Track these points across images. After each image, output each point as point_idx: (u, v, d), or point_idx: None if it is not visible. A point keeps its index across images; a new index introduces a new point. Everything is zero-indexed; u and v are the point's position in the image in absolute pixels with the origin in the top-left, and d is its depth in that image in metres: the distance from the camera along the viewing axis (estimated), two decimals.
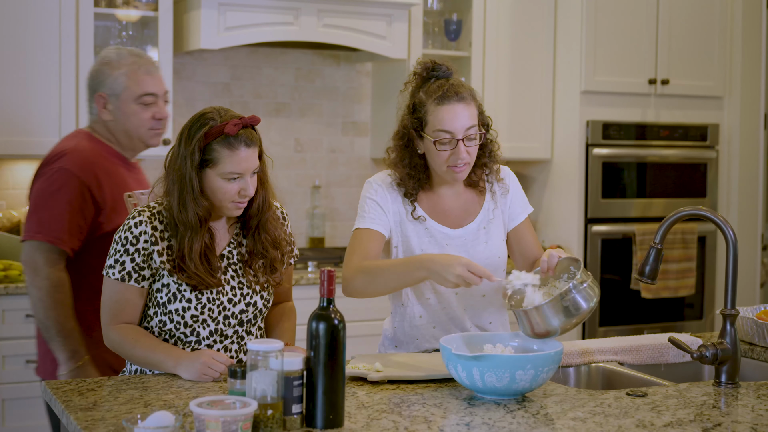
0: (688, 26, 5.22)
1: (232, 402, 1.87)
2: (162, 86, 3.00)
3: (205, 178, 2.39)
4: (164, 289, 2.43)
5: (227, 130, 2.36)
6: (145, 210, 2.44)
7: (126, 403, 2.14)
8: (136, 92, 2.94)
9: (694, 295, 5.30)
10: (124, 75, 2.93)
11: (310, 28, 4.49)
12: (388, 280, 2.53)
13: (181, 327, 2.43)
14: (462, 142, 2.56)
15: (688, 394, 2.32)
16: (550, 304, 2.28)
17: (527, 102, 5.13)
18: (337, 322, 1.98)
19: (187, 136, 2.39)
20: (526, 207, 2.78)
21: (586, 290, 2.31)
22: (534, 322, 2.30)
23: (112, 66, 2.95)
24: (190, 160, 2.37)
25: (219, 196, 2.40)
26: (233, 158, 2.37)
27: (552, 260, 2.44)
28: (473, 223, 2.69)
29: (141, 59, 2.97)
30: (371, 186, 2.68)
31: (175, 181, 2.39)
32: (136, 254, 2.41)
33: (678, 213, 2.48)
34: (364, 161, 5.16)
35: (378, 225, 2.63)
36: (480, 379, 2.18)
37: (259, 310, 2.53)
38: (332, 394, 1.97)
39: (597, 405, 2.20)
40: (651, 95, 5.16)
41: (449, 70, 2.64)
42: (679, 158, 5.25)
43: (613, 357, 2.72)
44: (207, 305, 2.44)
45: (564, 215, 5.11)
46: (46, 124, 4.17)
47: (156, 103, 2.96)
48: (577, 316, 2.29)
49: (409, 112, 2.64)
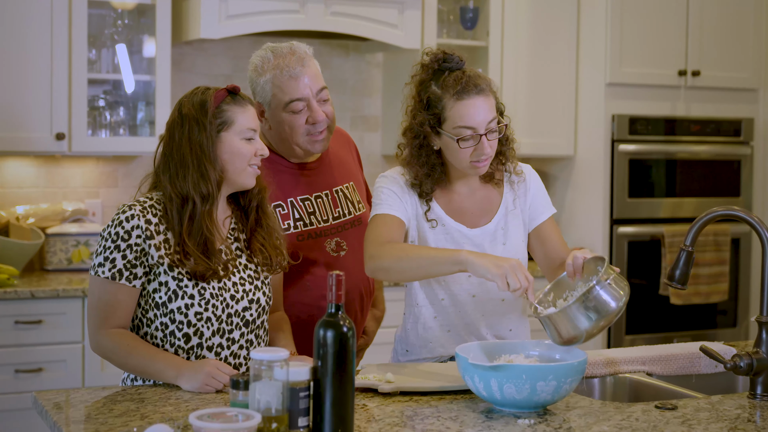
0: (720, 14, 5.21)
1: (234, 415, 1.88)
2: (311, 87, 2.82)
3: (220, 144, 2.46)
4: (162, 288, 2.43)
5: (231, 88, 2.48)
6: (135, 204, 2.45)
7: (121, 416, 2.14)
8: (283, 100, 2.81)
9: (728, 301, 5.28)
10: (269, 82, 2.82)
11: (317, 16, 4.49)
12: (420, 267, 2.50)
13: (184, 327, 2.43)
14: (485, 136, 2.57)
15: (722, 407, 2.31)
16: (574, 306, 2.28)
17: (549, 95, 5.13)
18: (346, 330, 1.97)
19: (191, 109, 2.46)
20: (549, 207, 2.77)
21: (611, 286, 2.29)
22: (560, 327, 2.30)
23: (258, 72, 2.85)
24: (203, 127, 2.44)
25: (239, 159, 2.47)
26: (247, 114, 2.48)
27: (577, 262, 2.43)
28: (491, 223, 2.70)
29: (285, 60, 2.81)
30: (386, 178, 2.70)
31: (191, 153, 2.44)
32: (128, 251, 2.41)
33: (710, 213, 2.47)
34: (375, 158, 5.16)
35: (398, 212, 2.63)
36: (498, 391, 2.18)
37: (262, 307, 2.55)
38: (341, 407, 1.97)
39: (624, 419, 2.20)
40: (681, 87, 5.15)
41: (462, 61, 2.64)
42: (711, 155, 5.24)
43: (640, 367, 2.71)
44: (211, 301, 2.44)
45: (588, 216, 5.10)
46: (37, 119, 4.18)
47: (309, 106, 2.82)
48: (606, 315, 2.28)
49: (422, 108, 2.63)
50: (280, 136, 2.86)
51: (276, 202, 2.84)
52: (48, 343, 3.98)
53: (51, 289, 3.97)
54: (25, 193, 4.51)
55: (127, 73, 4.42)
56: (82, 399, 2.30)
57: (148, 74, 4.46)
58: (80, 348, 4.00)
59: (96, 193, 4.63)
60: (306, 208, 2.88)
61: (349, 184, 3.01)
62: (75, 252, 4.39)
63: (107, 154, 4.52)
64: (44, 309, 3.98)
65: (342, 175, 3.01)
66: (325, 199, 2.92)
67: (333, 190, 2.95)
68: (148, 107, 4.47)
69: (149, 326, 2.46)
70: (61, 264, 4.40)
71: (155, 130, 4.37)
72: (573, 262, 2.44)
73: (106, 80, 4.45)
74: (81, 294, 3.99)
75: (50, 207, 4.46)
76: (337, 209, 2.93)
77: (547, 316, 2.32)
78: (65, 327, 4.00)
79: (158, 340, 2.45)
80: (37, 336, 3.97)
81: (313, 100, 2.82)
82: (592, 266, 2.43)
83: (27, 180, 4.52)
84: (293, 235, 2.84)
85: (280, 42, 2.92)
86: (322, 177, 2.95)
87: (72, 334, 4.00)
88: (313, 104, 2.82)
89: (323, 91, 2.85)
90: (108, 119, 4.41)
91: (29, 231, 4.31)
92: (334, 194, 2.95)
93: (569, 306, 2.28)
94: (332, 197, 2.94)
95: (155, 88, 4.38)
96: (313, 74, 2.83)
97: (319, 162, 2.96)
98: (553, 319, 2.31)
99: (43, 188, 4.54)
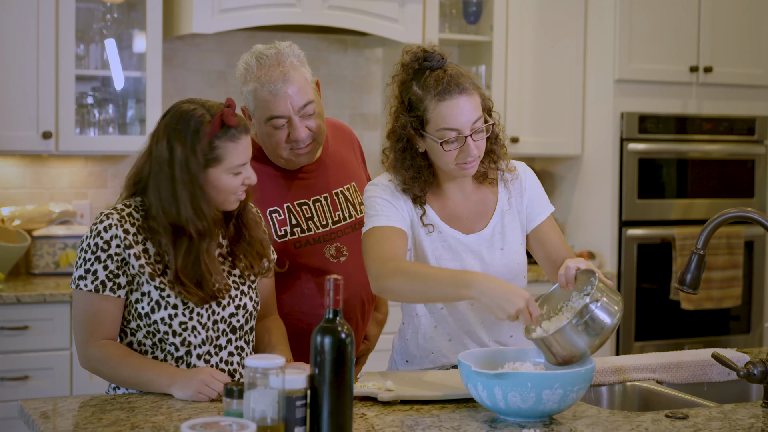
0: (734, 7, 5.21)
1: (228, 424, 1.88)
2: (294, 104, 2.76)
3: (208, 178, 2.42)
4: (145, 298, 2.43)
5: (228, 122, 2.41)
6: (113, 213, 2.44)
7: (111, 425, 2.14)
8: (264, 115, 2.78)
9: (741, 307, 5.28)
10: (251, 93, 2.79)
11: (314, 9, 4.50)
12: (428, 290, 2.47)
13: (170, 337, 2.43)
14: (470, 137, 2.55)
15: (734, 416, 2.31)
16: (567, 328, 2.25)
17: (555, 92, 5.13)
18: (344, 336, 1.97)
19: (181, 138, 2.40)
20: (546, 206, 2.76)
21: (605, 303, 2.27)
22: (554, 349, 2.28)
23: (242, 79, 2.82)
24: (195, 162, 2.39)
25: (225, 192, 2.45)
26: (238, 149, 2.43)
27: (569, 273, 2.42)
28: (487, 227, 2.69)
29: (267, 73, 2.76)
30: (376, 187, 2.68)
31: (182, 190, 2.40)
32: (109, 260, 2.41)
33: (723, 215, 2.47)
34: (374, 157, 5.11)
35: (396, 221, 2.61)
36: (503, 400, 2.18)
37: (249, 312, 2.55)
38: (339, 416, 1.97)
39: (633, 428, 2.20)
40: (692, 84, 5.16)
41: (443, 58, 2.62)
42: (723, 154, 5.24)
43: (650, 375, 2.71)
44: (195, 309, 2.44)
45: (596, 217, 5.11)
46: (23, 117, 4.18)
47: (290, 123, 2.77)
48: (601, 333, 2.26)
49: (404, 110, 2.62)
50: (264, 145, 2.86)
51: (272, 208, 2.84)
52: (34, 350, 3.99)
53: (38, 293, 3.97)
54: (11, 194, 4.51)
55: (116, 69, 4.42)
56: (70, 408, 2.30)
57: (138, 70, 4.46)
58: (68, 355, 4.00)
59: (84, 194, 4.63)
60: (303, 213, 2.88)
61: (350, 185, 3.00)
62: (62, 255, 4.39)
63: (96, 154, 4.52)
64: (30, 314, 3.97)
65: (342, 176, 3.00)
66: (324, 203, 2.92)
67: (333, 193, 2.94)
68: (139, 105, 4.47)
69: (134, 336, 2.47)
70: (48, 268, 4.40)
71: (146, 128, 4.37)
72: (565, 273, 2.42)
73: (94, 77, 4.46)
74: (69, 299, 3.99)
75: (37, 208, 4.46)
76: (337, 213, 2.93)
77: (541, 340, 2.28)
78: (52, 333, 4.00)
79: (148, 347, 2.46)
80: (23, 342, 3.97)
81: (295, 117, 2.77)
82: (585, 277, 2.41)
83: (12, 180, 4.52)
84: (290, 242, 2.83)
85: (273, 40, 2.90)
86: (320, 180, 2.94)
87: (59, 340, 4.00)
88: (294, 122, 2.77)
89: (308, 106, 2.79)
90: (97, 117, 4.41)
91: (15, 233, 4.31)
92: (333, 197, 2.94)
93: (563, 327, 2.25)
94: (332, 200, 2.93)
95: (146, 85, 4.38)
96: (297, 89, 2.77)
97: (317, 164, 2.95)
98: (546, 342, 2.29)
99: (30, 189, 4.54)
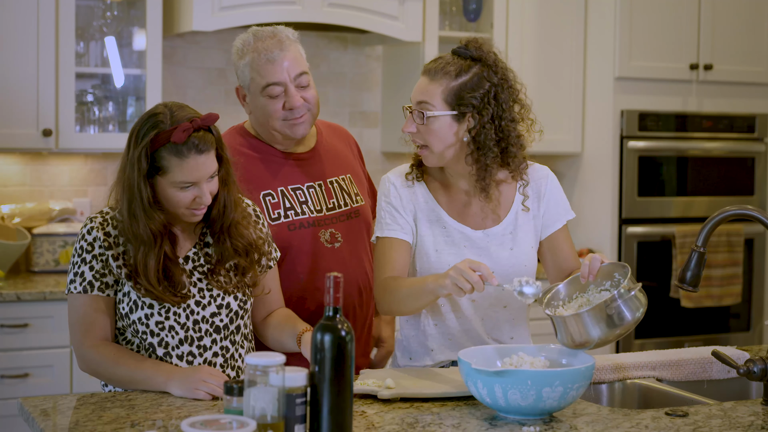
0: (734, 5, 5.21)
1: (228, 422, 1.88)
2: (290, 71, 2.83)
3: (157, 185, 2.41)
4: (125, 298, 2.45)
5: (174, 138, 2.36)
6: (97, 216, 2.49)
7: (110, 423, 2.15)
8: (260, 84, 2.83)
9: (741, 304, 5.28)
10: (248, 66, 2.84)
11: (314, 7, 4.49)
12: (407, 302, 2.59)
13: (148, 337, 2.44)
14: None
15: (734, 413, 2.32)
16: (592, 312, 2.29)
17: (555, 89, 5.13)
18: (344, 334, 1.98)
19: (135, 141, 2.40)
20: (566, 213, 2.78)
21: (632, 299, 2.32)
22: (573, 330, 2.31)
23: (238, 55, 2.88)
24: (137, 168, 2.38)
25: (173, 204, 2.42)
26: (183, 167, 2.38)
27: (594, 264, 2.44)
28: (499, 226, 2.69)
29: (264, 43, 2.84)
30: (384, 185, 2.72)
31: (125, 189, 2.41)
32: (94, 261, 2.43)
33: (723, 213, 2.47)
34: (374, 155, 5.16)
35: (399, 232, 2.66)
36: (503, 397, 2.19)
37: (234, 312, 2.53)
38: (339, 414, 1.97)
39: (633, 426, 2.20)
40: (693, 82, 5.16)
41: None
42: (723, 152, 5.24)
43: (650, 372, 2.72)
44: (172, 309, 2.45)
45: (596, 215, 5.11)
46: (23, 114, 4.18)
47: (286, 91, 2.83)
48: (621, 327, 2.31)
49: None
50: (259, 121, 2.89)
51: (266, 191, 2.85)
52: (34, 348, 3.99)
53: (37, 291, 3.98)
54: (11, 191, 4.51)
55: (116, 67, 4.42)
56: (70, 405, 2.30)
57: (138, 68, 4.46)
58: (68, 353, 4.00)
59: (84, 191, 4.63)
60: (297, 197, 2.90)
61: (345, 176, 3.02)
62: (62, 253, 4.39)
63: (96, 151, 4.52)
64: (30, 312, 3.98)
65: (337, 166, 3.02)
66: (318, 190, 2.94)
67: (327, 181, 2.97)
68: (139, 102, 4.47)
69: (122, 335, 2.48)
70: (48, 265, 4.40)
71: None
72: (591, 263, 2.44)
73: (94, 74, 4.45)
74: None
75: (37, 206, 4.46)
76: (332, 200, 2.94)
77: (562, 318, 2.33)
78: (52, 331, 4.00)
79: (135, 347, 2.47)
80: (23, 340, 3.97)
81: (291, 84, 2.83)
82: (608, 271, 2.44)
83: (12, 178, 4.52)
84: (284, 225, 2.85)
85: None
86: (314, 167, 2.97)
87: (59, 338, 4.00)
88: (290, 89, 2.83)
89: (303, 76, 2.86)
90: (97, 115, 4.41)
91: (15, 231, 4.31)
92: (328, 185, 2.96)
93: (586, 311, 2.29)
94: (326, 188, 2.95)
95: (146, 83, 4.38)
96: (292, 58, 2.84)
97: (311, 153, 2.98)
98: (567, 322, 2.32)
99: (30, 187, 4.54)
